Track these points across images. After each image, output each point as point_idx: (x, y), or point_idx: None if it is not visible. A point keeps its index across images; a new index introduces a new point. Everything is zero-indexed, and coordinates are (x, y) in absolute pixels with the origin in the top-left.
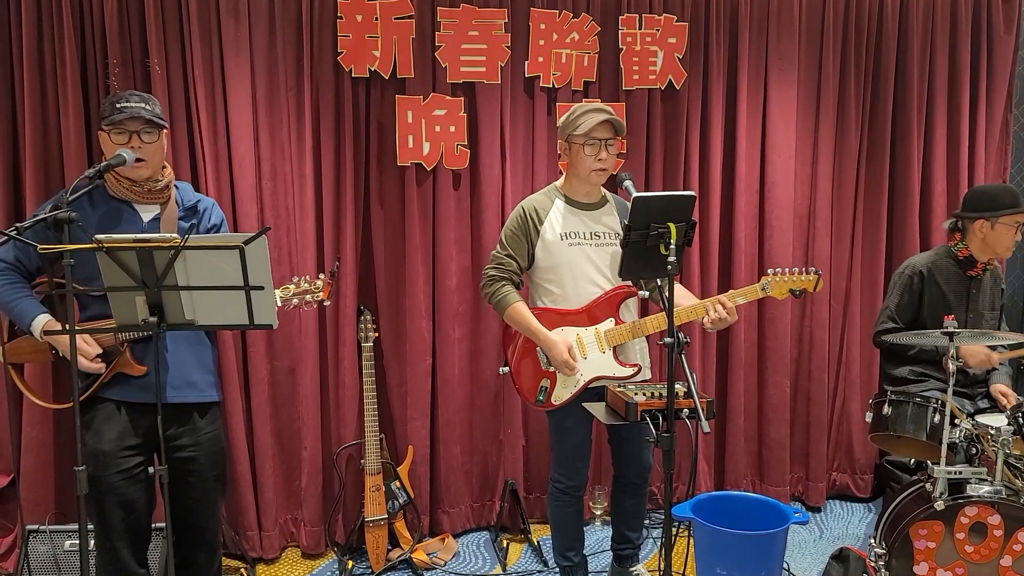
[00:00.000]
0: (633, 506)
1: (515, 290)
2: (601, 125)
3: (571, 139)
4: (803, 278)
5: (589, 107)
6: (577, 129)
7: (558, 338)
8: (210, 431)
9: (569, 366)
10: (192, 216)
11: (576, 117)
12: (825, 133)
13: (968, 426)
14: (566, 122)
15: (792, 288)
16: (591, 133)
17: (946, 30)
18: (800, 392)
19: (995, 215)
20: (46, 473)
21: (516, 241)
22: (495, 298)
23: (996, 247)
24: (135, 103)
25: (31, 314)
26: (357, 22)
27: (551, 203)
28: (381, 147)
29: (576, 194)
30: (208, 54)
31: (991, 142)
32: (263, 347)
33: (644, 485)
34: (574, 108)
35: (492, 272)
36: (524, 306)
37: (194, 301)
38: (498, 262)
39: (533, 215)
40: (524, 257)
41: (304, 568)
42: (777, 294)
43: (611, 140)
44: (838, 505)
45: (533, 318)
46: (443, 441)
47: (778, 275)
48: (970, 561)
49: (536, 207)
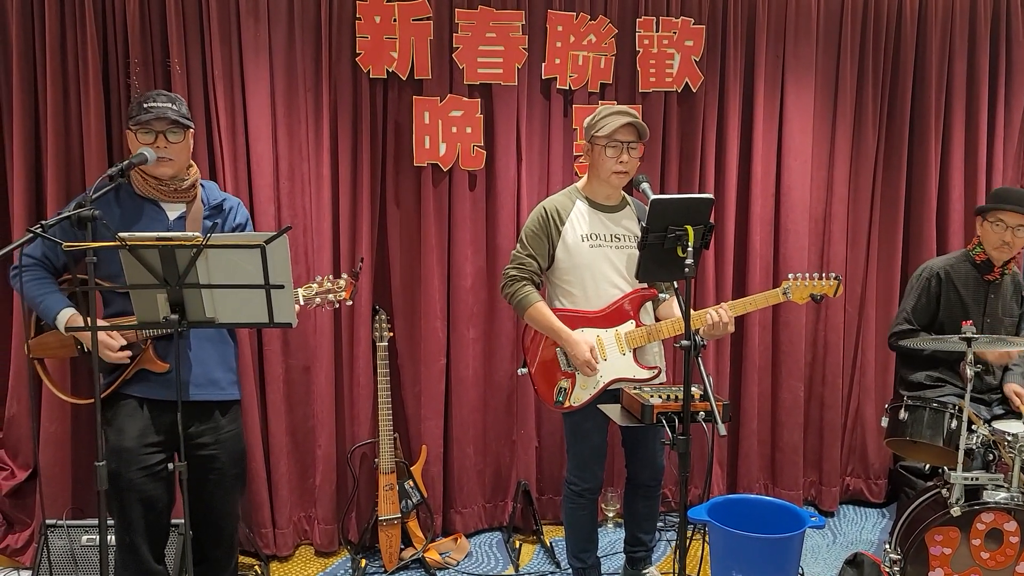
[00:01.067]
0: (646, 508)
1: (536, 290)
2: (624, 128)
3: (594, 140)
4: (824, 283)
5: (614, 109)
6: (600, 131)
7: (580, 338)
8: (231, 429)
9: (591, 366)
10: (217, 215)
11: (600, 119)
12: (842, 137)
13: (985, 432)
14: (590, 123)
15: (813, 293)
16: (614, 135)
17: (965, 34)
18: (814, 396)
19: (983, 209)
20: (64, 468)
21: (537, 241)
22: (516, 298)
23: (987, 247)
24: (162, 103)
25: (56, 308)
26: (375, 23)
27: (572, 204)
28: (398, 148)
29: (597, 196)
30: (228, 54)
31: (1009, 147)
32: (278, 346)
33: (658, 487)
34: (599, 110)
35: (513, 272)
36: (545, 306)
37: (215, 299)
38: (519, 262)
39: (555, 215)
40: (545, 257)
41: (317, 566)
42: (798, 299)
43: (634, 144)
44: (851, 510)
45: (555, 317)
46: (456, 441)
47: (798, 280)
48: (986, 568)
49: (558, 208)
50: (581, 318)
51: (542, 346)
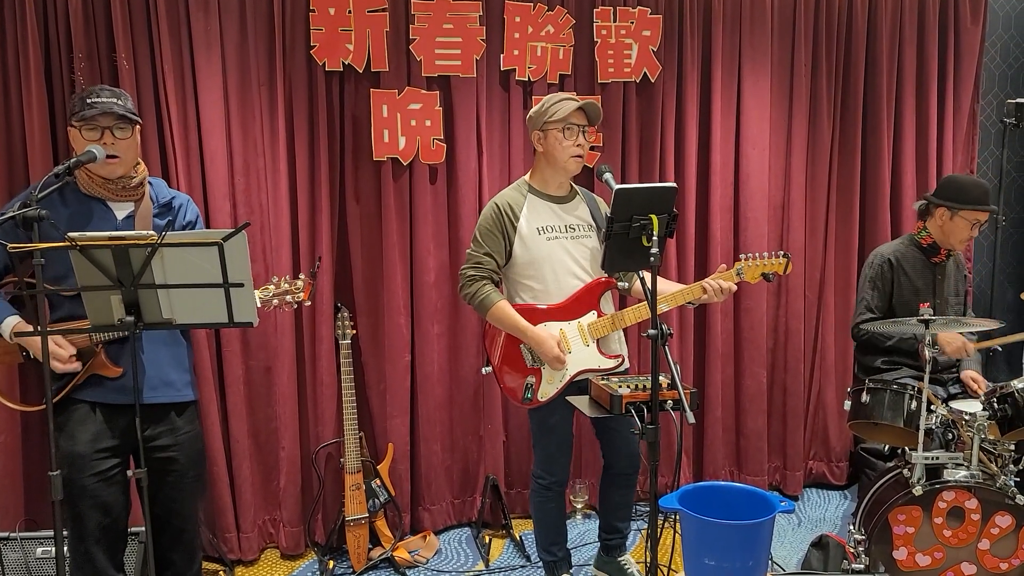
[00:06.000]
0: (623, 496)
1: (496, 288)
2: (577, 112)
3: (547, 127)
4: (773, 261)
5: (563, 96)
6: (554, 116)
7: (545, 334)
8: (188, 430)
9: (560, 360)
10: (167, 213)
11: (551, 105)
12: (798, 125)
13: (944, 412)
14: (539, 112)
15: (764, 272)
16: (569, 119)
17: (914, 22)
18: (776, 382)
19: (957, 207)
20: (15, 479)
21: (492, 238)
22: (476, 298)
23: (951, 238)
24: (106, 98)
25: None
26: (330, 15)
27: (523, 198)
28: (356, 142)
29: (548, 187)
30: (177, 48)
31: (959, 132)
32: (238, 346)
33: (634, 475)
34: (546, 98)
35: (471, 272)
36: (508, 305)
37: (172, 299)
38: (475, 261)
39: (508, 211)
40: (502, 254)
41: (284, 569)
42: (750, 278)
43: (586, 127)
44: (815, 493)
45: (519, 316)
46: (423, 438)
47: (750, 260)
48: (948, 545)
49: (510, 202)
50: (542, 312)
51: (505, 344)
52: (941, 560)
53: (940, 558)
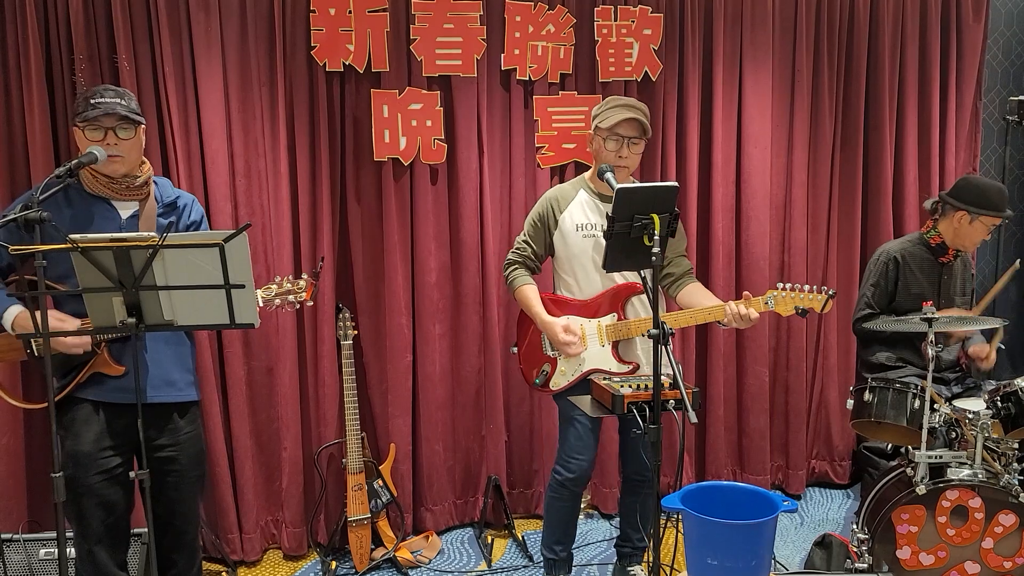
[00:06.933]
0: (632, 503)
1: (528, 274)
2: (626, 123)
3: (597, 130)
4: (812, 297)
5: (620, 101)
6: (603, 122)
7: (553, 320)
8: (190, 431)
9: (567, 344)
10: (171, 213)
11: (605, 109)
12: (800, 123)
13: (947, 411)
14: (596, 112)
15: (797, 306)
16: (615, 129)
17: (916, 19)
18: (779, 381)
19: (979, 212)
20: (18, 480)
21: (534, 228)
22: (509, 279)
23: (965, 240)
24: (110, 98)
25: (1, 307)
26: (330, 15)
27: (575, 193)
28: (357, 142)
29: (600, 186)
30: (178, 49)
31: (961, 130)
32: (240, 347)
33: (644, 484)
34: (607, 99)
35: (511, 256)
36: (532, 290)
37: (173, 301)
38: (517, 246)
39: (554, 204)
40: (541, 244)
41: (287, 570)
42: (782, 310)
43: (635, 139)
44: (817, 492)
45: (536, 302)
46: (425, 438)
47: (785, 291)
48: (952, 544)
49: (558, 197)
50: (568, 305)
51: (532, 329)
52: (945, 559)
53: (944, 557)
